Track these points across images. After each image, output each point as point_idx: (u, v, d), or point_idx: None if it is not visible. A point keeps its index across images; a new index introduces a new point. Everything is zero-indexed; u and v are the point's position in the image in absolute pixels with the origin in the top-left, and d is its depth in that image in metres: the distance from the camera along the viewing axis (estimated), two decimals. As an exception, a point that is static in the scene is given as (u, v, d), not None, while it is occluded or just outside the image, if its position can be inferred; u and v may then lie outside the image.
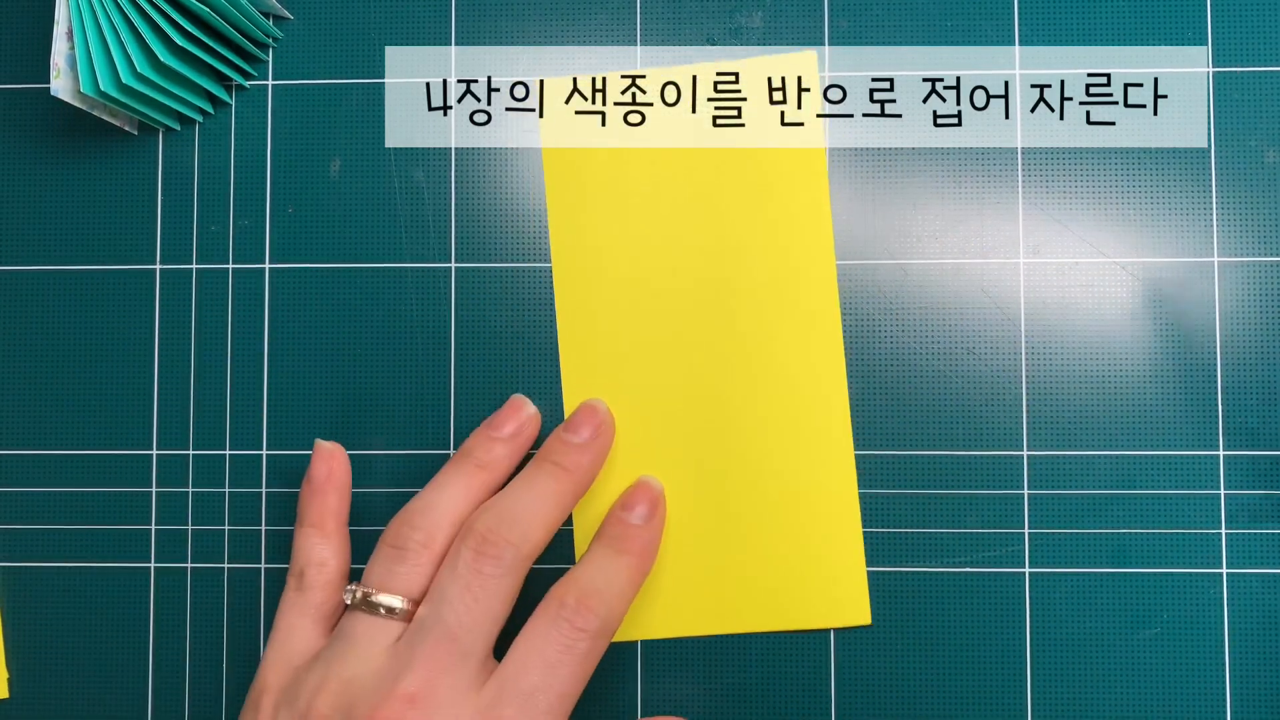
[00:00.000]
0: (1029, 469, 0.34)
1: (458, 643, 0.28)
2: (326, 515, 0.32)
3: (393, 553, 0.30)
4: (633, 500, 0.33)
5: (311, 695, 0.28)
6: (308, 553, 0.32)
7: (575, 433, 0.32)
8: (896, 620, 0.34)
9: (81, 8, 0.31)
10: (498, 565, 0.29)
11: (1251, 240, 0.34)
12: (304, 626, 0.31)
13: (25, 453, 0.36)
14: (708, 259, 0.34)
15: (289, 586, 0.32)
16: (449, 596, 0.29)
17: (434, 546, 0.30)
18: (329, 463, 0.33)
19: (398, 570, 0.30)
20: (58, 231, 0.36)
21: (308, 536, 0.32)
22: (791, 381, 0.34)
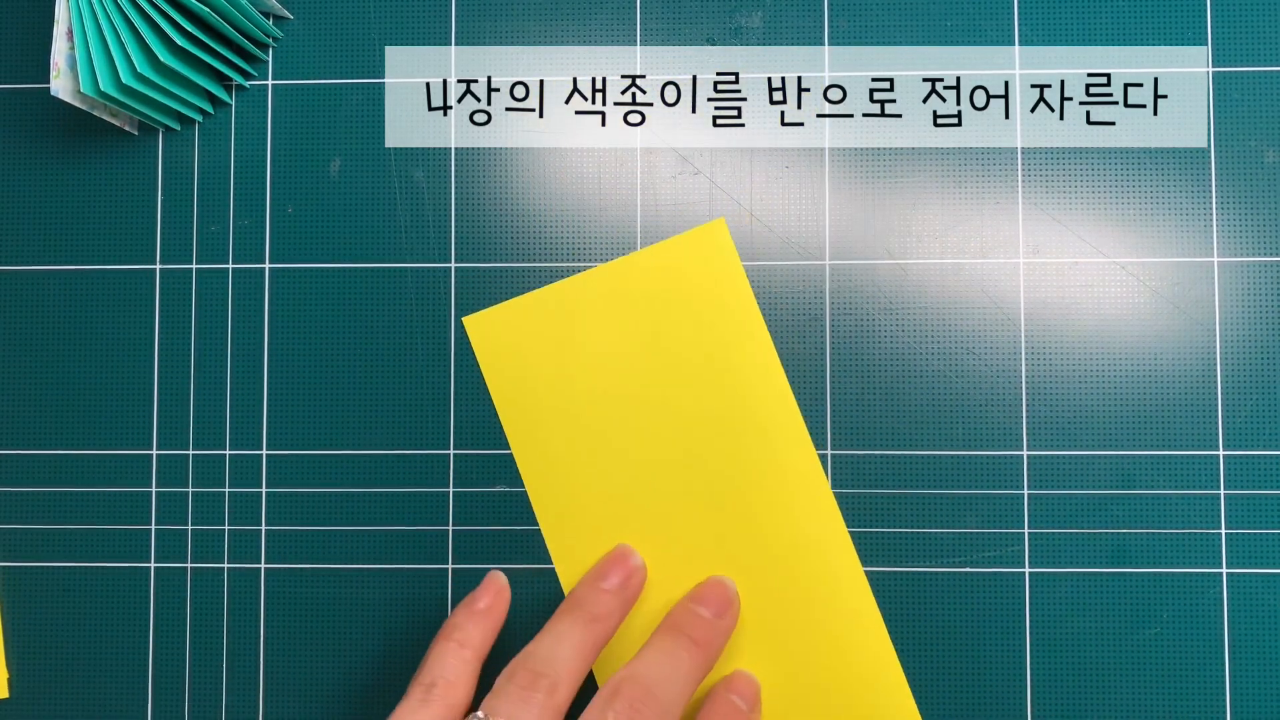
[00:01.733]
0: (1029, 469, 0.34)
1: None
2: (475, 640, 0.32)
3: (521, 694, 0.30)
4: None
5: None
6: (443, 667, 0.31)
7: (705, 606, 0.33)
8: (897, 620, 0.34)
9: (81, 8, 0.31)
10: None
11: (1251, 240, 0.34)
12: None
13: (25, 453, 0.36)
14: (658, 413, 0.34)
15: (412, 696, 0.31)
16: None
17: (557, 697, 0.30)
18: (497, 595, 0.33)
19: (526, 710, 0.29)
20: (58, 231, 0.36)
21: (450, 652, 0.32)
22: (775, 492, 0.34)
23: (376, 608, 0.35)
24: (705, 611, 0.32)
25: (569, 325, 0.35)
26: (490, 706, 0.29)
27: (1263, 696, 0.33)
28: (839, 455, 0.34)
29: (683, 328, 0.34)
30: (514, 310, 0.35)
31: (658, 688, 0.30)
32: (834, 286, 0.35)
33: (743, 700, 0.32)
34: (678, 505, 0.34)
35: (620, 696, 0.29)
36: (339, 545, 0.35)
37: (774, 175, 0.35)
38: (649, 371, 0.34)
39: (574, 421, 0.34)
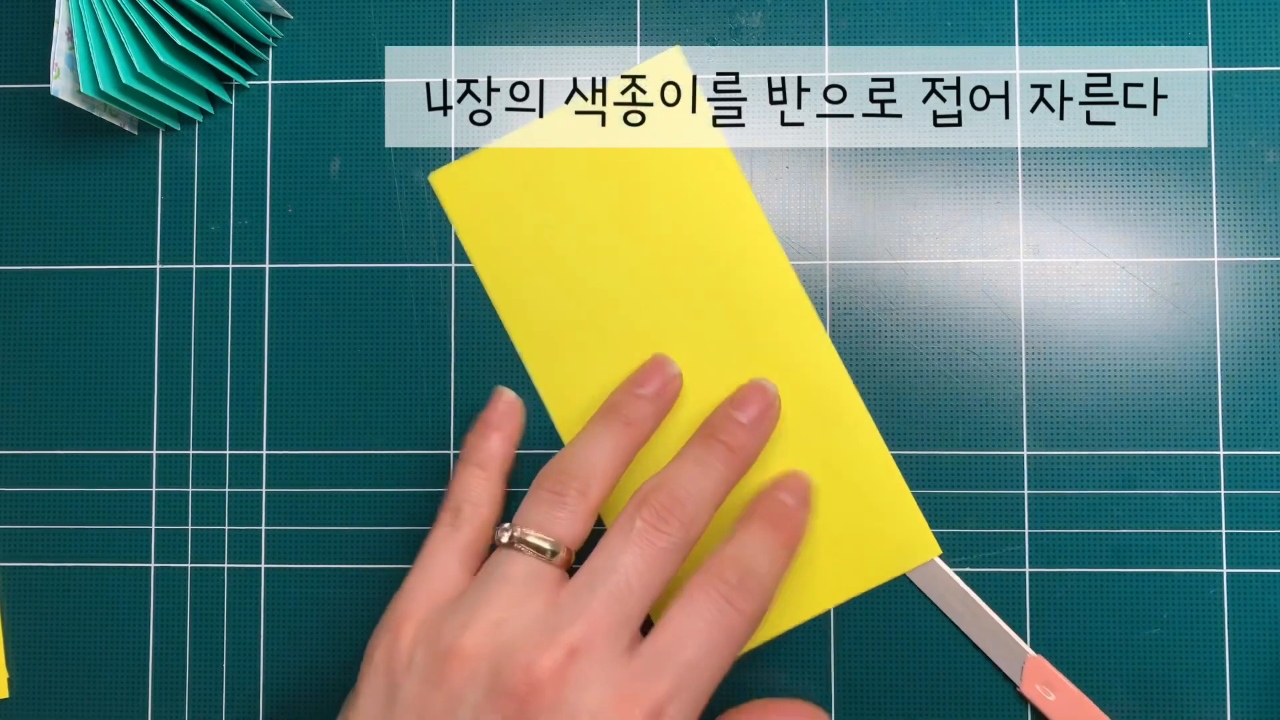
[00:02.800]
0: (1029, 469, 0.34)
1: (623, 605, 0.27)
2: (493, 459, 0.32)
3: (551, 497, 0.29)
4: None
5: (457, 631, 0.27)
6: (467, 490, 0.31)
7: (743, 410, 0.32)
8: (897, 620, 0.34)
9: (81, 8, 0.31)
10: (669, 540, 0.28)
11: (1251, 240, 0.34)
12: (451, 564, 0.30)
13: (25, 453, 0.36)
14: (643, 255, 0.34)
15: (441, 523, 0.31)
16: (621, 559, 0.28)
17: (590, 497, 0.30)
18: (507, 411, 0.33)
19: (557, 515, 0.29)
20: (58, 231, 0.36)
21: (471, 475, 0.32)
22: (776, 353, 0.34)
23: (376, 608, 0.35)
24: (742, 416, 0.32)
25: (541, 169, 0.35)
26: (521, 516, 0.29)
27: (1263, 696, 0.33)
28: (839, 455, 0.34)
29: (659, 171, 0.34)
30: (482, 161, 0.35)
31: (686, 494, 0.29)
32: (834, 286, 0.35)
33: (791, 496, 0.32)
34: (665, 336, 0.34)
35: (648, 504, 0.29)
36: (339, 545, 0.35)
37: (774, 175, 0.35)
38: (627, 208, 0.34)
39: (554, 263, 0.34)
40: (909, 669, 0.34)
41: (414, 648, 0.28)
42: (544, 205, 0.35)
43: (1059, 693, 0.32)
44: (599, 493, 0.30)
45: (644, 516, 0.29)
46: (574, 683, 0.26)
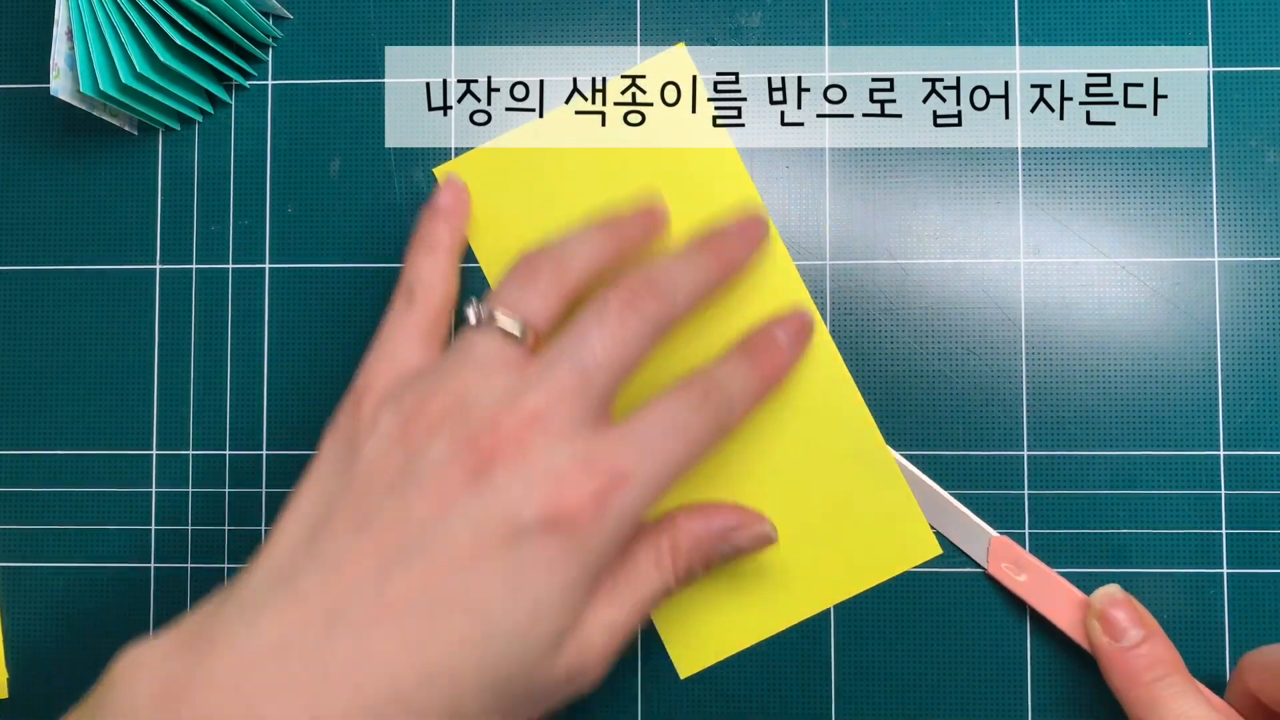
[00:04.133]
0: (1029, 469, 0.34)
1: (590, 378, 0.27)
2: (441, 242, 0.32)
3: (523, 277, 0.29)
4: (785, 321, 0.32)
5: (422, 398, 0.27)
6: (418, 272, 0.31)
7: (733, 224, 0.32)
8: (897, 620, 0.34)
9: (81, 8, 0.31)
10: (643, 319, 0.28)
11: (1251, 240, 0.34)
12: (409, 341, 0.30)
13: (25, 453, 0.36)
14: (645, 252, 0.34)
15: (395, 306, 0.31)
16: (590, 335, 0.28)
17: (566, 280, 0.29)
18: (455, 193, 0.33)
19: (527, 295, 0.29)
20: (58, 231, 0.36)
21: (421, 257, 0.32)
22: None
23: (376, 608, 0.35)
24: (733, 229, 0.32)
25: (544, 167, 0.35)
26: (491, 295, 0.29)
27: (1263, 696, 0.33)
28: (839, 455, 0.34)
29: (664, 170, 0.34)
30: (485, 157, 0.35)
31: (663, 279, 0.29)
32: (834, 286, 0.35)
33: (784, 333, 0.32)
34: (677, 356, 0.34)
35: (624, 285, 0.29)
36: (339, 545, 0.35)
37: (774, 175, 0.35)
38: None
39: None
40: (909, 669, 0.34)
41: (377, 412, 0.28)
42: (547, 202, 0.35)
43: (1029, 572, 0.33)
44: (575, 278, 0.29)
45: (619, 296, 0.28)
46: (537, 443, 0.26)
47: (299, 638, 0.24)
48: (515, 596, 0.26)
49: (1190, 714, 0.28)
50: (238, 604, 0.25)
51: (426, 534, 0.26)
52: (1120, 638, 0.31)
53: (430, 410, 0.27)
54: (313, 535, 0.26)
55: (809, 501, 0.34)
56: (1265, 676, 0.29)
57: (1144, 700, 0.29)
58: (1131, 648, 0.30)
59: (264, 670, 0.24)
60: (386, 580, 0.25)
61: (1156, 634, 0.31)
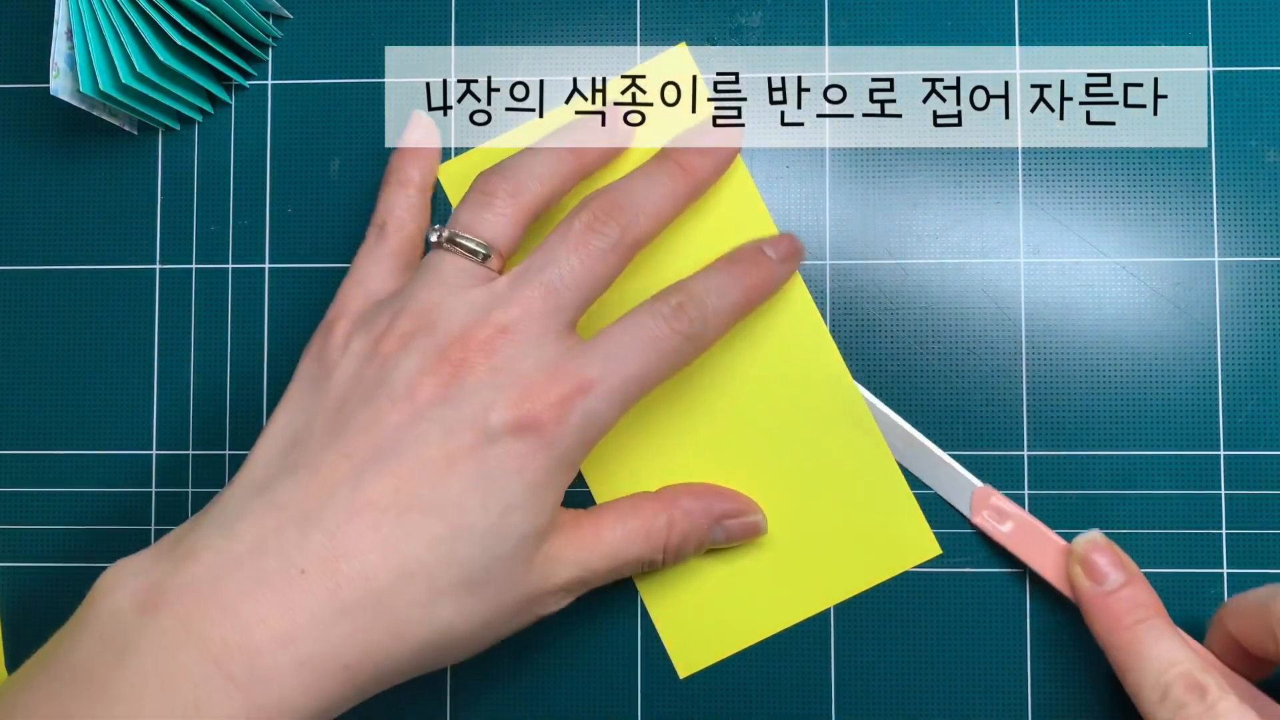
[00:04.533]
0: (1029, 469, 0.34)
1: (557, 295, 0.28)
2: (412, 178, 0.33)
3: (480, 199, 0.30)
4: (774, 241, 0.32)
5: (392, 317, 0.28)
6: (390, 208, 0.32)
7: (700, 138, 0.33)
8: (896, 620, 0.34)
9: (81, 8, 0.31)
10: (606, 240, 0.29)
11: (1251, 240, 0.34)
12: (381, 270, 0.31)
13: (25, 453, 0.36)
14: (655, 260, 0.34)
15: (367, 238, 0.32)
16: (556, 255, 0.28)
17: (521, 199, 0.30)
18: (424, 131, 0.34)
19: (485, 216, 0.29)
20: (58, 231, 0.36)
21: (393, 192, 0.33)
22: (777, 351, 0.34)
23: (376, 608, 0.35)
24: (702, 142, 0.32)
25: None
26: (451, 219, 0.30)
27: (1263, 696, 0.33)
28: (839, 455, 0.34)
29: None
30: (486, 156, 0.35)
31: (628, 200, 0.30)
32: (834, 286, 0.35)
33: (773, 251, 0.32)
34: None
35: (588, 208, 0.29)
36: (339, 545, 0.35)
37: (774, 175, 0.35)
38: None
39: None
40: (909, 669, 0.34)
41: (350, 334, 0.29)
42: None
43: (1013, 521, 0.33)
44: (531, 199, 0.30)
45: (583, 218, 0.29)
46: (505, 353, 0.27)
47: (275, 540, 0.25)
48: (485, 496, 0.26)
49: (1170, 656, 0.28)
50: (216, 515, 0.26)
51: (399, 439, 0.27)
52: (1102, 582, 0.31)
53: (400, 327, 0.28)
54: (288, 448, 0.27)
55: (809, 501, 0.34)
56: (1245, 621, 0.29)
57: (1125, 643, 0.29)
58: (1113, 592, 0.30)
59: (241, 571, 0.25)
60: (360, 483, 0.26)
61: (1137, 578, 0.31)
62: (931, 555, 0.34)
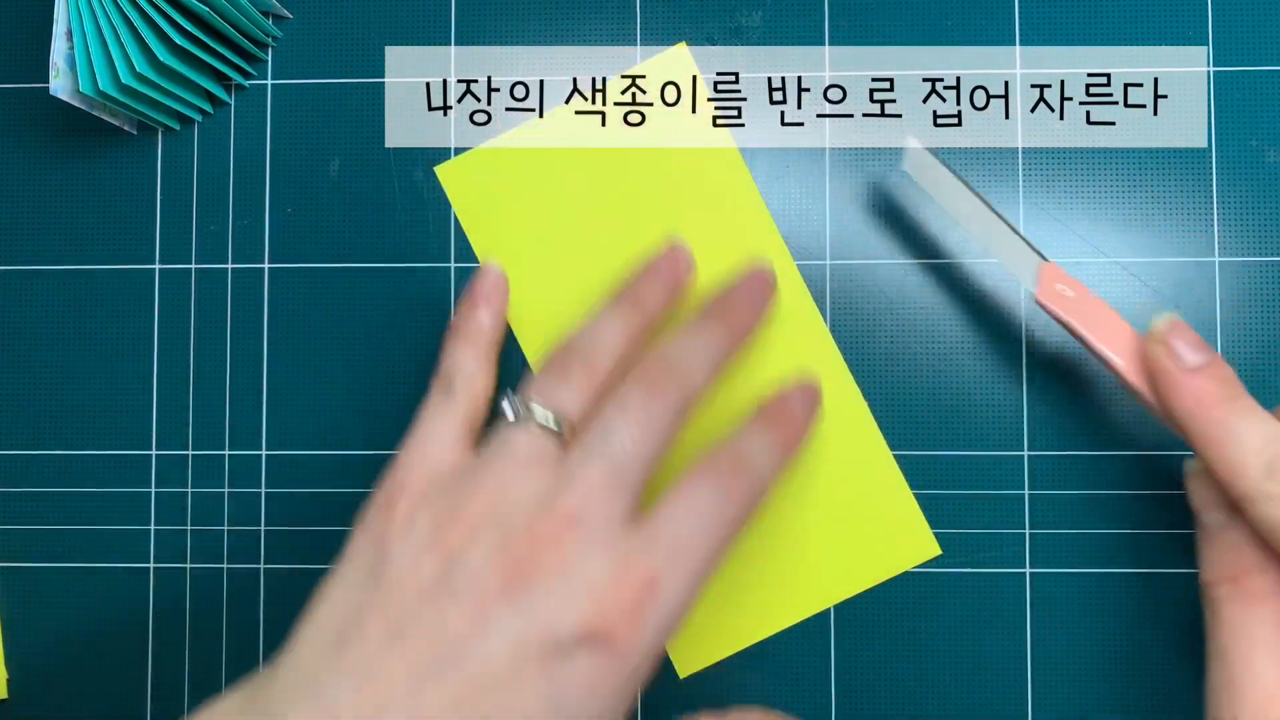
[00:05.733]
0: (1029, 469, 0.34)
1: (620, 474, 0.27)
2: (482, 333, 0.32)
3: (557, 373, 0.29)
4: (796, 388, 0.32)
5: (463, 499, 0.27)
6: (458, 364, 0.31)
7: (740, 286, 0.32)
8: (896, 620, 0.34)
9: (81, 8, 0.31)
10: (665, 406, 0.28)
11: (1251, 240, 0.34)
12: (447, 437, 0.30)
13: (25, 453, 0.36)
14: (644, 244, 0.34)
15: (434, 394, 0.30)
16: (616, 428, 0.28)
17: (596, 374, 0.29)
18: (494, 285, 0.33)
19: (560, 389, 0.29)
20: (58, 231, 0.36)
21: (461, 348, 0.31)
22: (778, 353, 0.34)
23: (376, 608, 0.35)
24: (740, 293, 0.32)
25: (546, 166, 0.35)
26: (525, 391, 0.29)
27: (1263, 696, 0.33)
28: (839, 455, 0.34)
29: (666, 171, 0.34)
30: (487, 156, 0.35)
31: (681, 362, 0.29)
32: (834, 286, 0.35)
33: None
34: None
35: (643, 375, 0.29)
36: (339, 545, 0.35)
37: (774, 175, 0.35)
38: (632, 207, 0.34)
39: (556, 257, 0.34)
40: (909, 669, 0.34)
41: (412, 515, 0.27)
42: (548, 201, 0.35)
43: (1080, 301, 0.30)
44: (605, 369, 0.30)
45: (639, 386, 0.29)
46: (573, 549, 0.26)
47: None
48: (555, 715, 0.25)
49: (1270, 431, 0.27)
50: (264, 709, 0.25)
51: (462, 648, 0.25)
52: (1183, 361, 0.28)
53: (466, 515, 0.27)
54: (342, 640, 0.26)
55: (809, 501, 0.34)
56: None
57: (1217, 421, 0.28)
58: (1198, 369, 0.28)
59: None
60: (420, 695, 0.24)
61: (1219, 358, 0.29)
62: (931, 555, 0.34)
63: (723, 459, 0.29)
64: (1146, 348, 0.29)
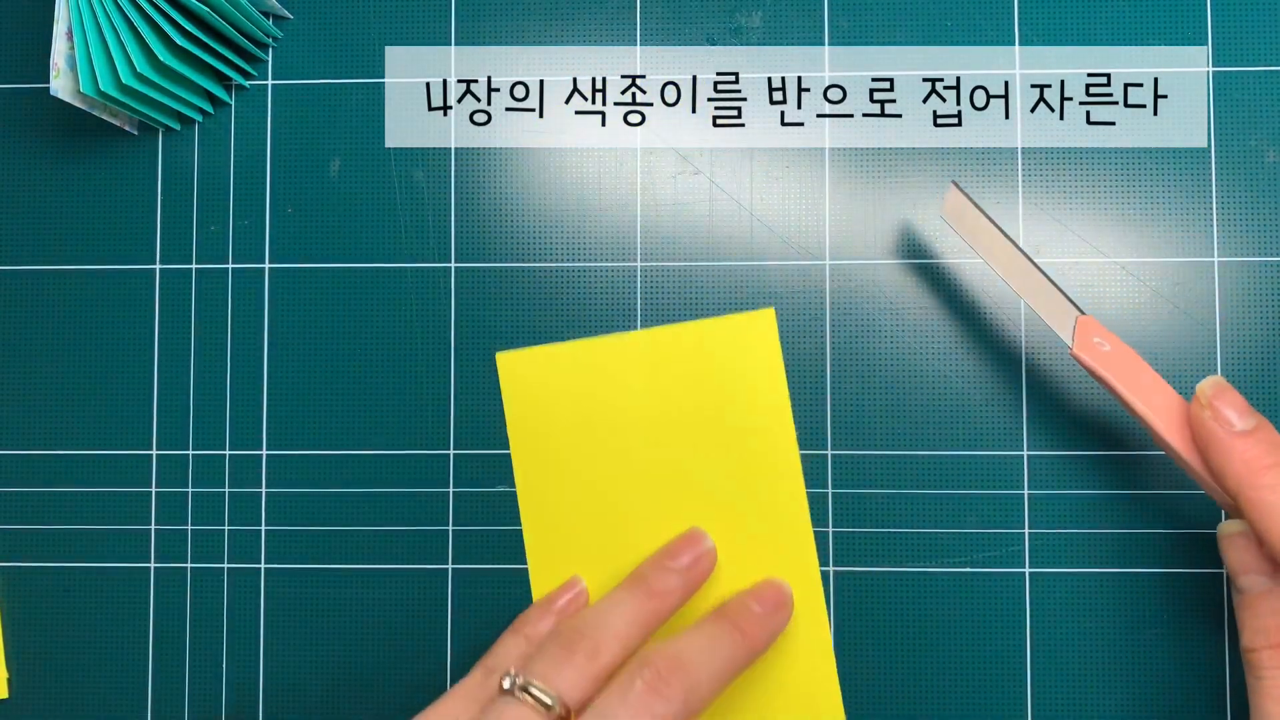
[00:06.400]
0: (1029, 469, 0.34)
1: None
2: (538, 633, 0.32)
3: (561, 653, 0.29)
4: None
5: None
6: (508, 654, 0.31)
7: (759, 601, 0.32)
8: (897, 620, 0.34)
9: (81, 8, 0.31)
10: (668, 706, 0.28)
11: (1251, 240, 0.34)
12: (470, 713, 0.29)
13: (25, 453, 0.36)
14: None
15: (473, 677, 0.30)
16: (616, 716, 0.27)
17: (600, 659, 0.29)
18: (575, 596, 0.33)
19: (563, 670, 0.28)
20: (58, 231, 0.36)
21: (515, 643, 0.32)
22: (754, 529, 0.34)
23: (376, 608, 0.35)
24: (758, 607, 0.32)
25: (598, 378, 0.34)
26: (528, 666, 0.29)
27: (1263, 696, 0.33)
28: (839, 455, 0.34)
29: (710, 403, 0.34)
30: (547, 355, 0.35)
31: (690, 661, 0.29)
32: (834, 286, 0.35)
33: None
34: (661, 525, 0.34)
35: (649, 665, 0.28)
36: (339, 545, 0.35)
37: (774, 175, 0.35)
38: (666, 436, 0.34)
39: (582, 466, 0.34)
40: (910, 669, 0.34)
41: None
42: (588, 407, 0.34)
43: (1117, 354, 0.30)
44: (610, 656, 0.29)
45: (644, 677, 0.28)
46: None
47: None
48: None
49: None
50: None
51: None
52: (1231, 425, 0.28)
53: None
54: None
55: None
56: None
57: (1267, 486, 0.27)
58: (1246, 433, 0.28)
59: None
60: None
61: (1265, 422, 0.29)
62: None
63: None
64: (1192, 412, 0.29)
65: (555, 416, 0.34)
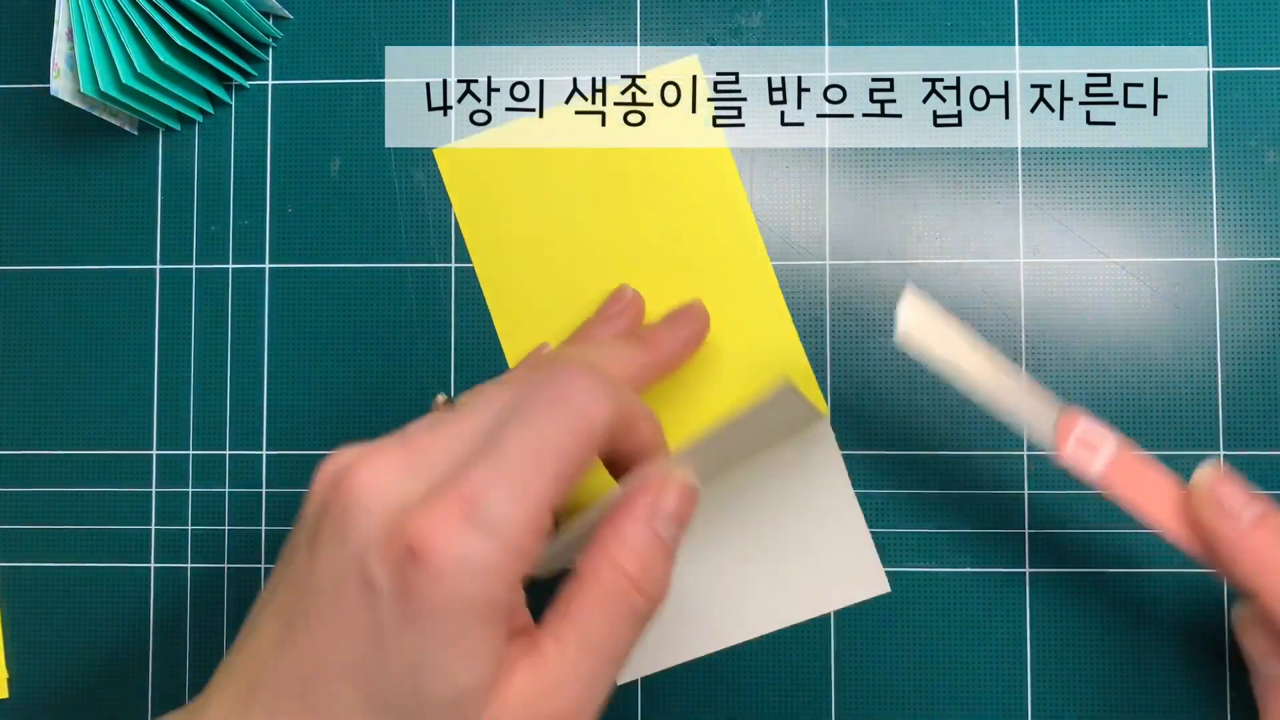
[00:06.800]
0: (1029, 469, 0.34)
1: None
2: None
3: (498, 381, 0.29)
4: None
5: None
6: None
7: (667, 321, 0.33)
8: (896, 620, 0.34)
9: (81, 8, 0.31)
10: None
11: (1251, 240, 0.34)
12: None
13: (25, 453, 0.36)
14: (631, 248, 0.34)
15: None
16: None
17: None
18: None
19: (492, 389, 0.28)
20: (58, 231, 0.36)
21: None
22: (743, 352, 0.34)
23: (376, 608, 0.35)
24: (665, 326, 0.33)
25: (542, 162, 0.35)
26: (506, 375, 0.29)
27: (1263, 696, 0.33)
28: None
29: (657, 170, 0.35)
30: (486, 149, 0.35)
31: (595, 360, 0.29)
32: (834, 286, 0.35)
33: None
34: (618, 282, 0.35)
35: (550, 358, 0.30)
36: (339, 545, 0.35)
37: (774, 175, 0.35)
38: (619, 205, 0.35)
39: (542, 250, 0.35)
40: (910, 670, 0.34)
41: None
42: (540, 196, 0.35)
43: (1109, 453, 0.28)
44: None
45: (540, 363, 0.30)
46: None
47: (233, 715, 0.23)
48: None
49: None
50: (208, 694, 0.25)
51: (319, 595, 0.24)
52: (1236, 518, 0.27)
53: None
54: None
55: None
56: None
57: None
58: (1253, 528, 0.27)
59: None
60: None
61: (1269, 503, 0.27)
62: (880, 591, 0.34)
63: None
64: (1195, 510, 0.28)
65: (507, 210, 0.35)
